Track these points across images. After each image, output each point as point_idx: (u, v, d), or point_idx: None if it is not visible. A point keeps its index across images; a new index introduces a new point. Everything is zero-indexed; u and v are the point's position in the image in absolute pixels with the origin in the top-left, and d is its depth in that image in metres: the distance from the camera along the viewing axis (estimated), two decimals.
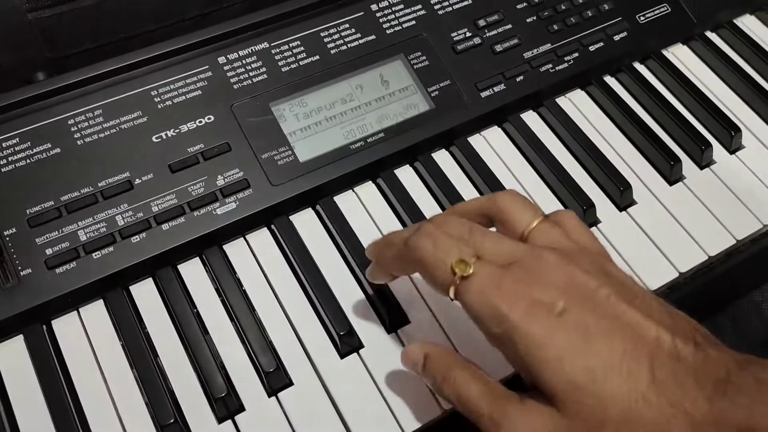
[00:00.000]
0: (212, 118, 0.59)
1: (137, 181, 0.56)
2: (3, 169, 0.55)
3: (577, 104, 0.68)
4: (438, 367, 0.44)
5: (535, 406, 0.39)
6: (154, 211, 0.55)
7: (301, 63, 0.63)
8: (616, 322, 0.38)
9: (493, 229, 0.47)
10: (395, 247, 0.46)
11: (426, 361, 0.45)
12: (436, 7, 0.67)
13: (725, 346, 0.38)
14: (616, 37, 0.70)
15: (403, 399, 0.51)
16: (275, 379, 0.51)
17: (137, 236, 0.55)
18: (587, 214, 0.60)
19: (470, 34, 0.67)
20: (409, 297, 0.55)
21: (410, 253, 0.44)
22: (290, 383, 0.52)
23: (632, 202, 0.62)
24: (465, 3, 0.68)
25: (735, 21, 0.76)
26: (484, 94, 0.65)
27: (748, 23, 0.76)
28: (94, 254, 0.54)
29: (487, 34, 0.67)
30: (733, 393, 0.35)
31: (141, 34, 0.65)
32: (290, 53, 0.63)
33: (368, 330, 0.54)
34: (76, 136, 0.57)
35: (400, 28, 0.66)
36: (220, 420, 0.50)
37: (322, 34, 0.64)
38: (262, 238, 0.58)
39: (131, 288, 0.55)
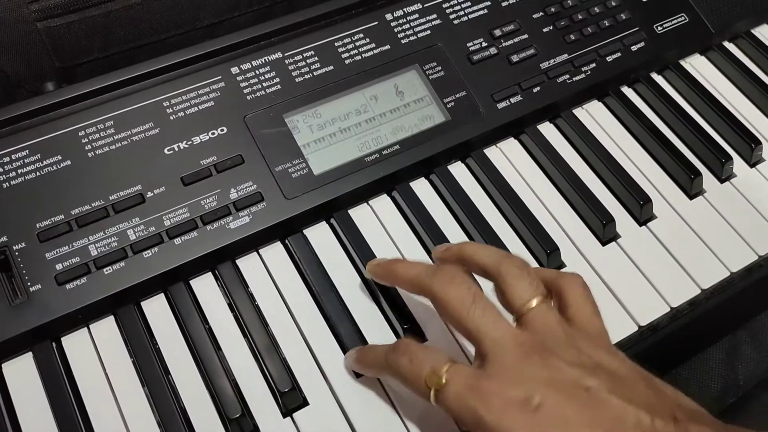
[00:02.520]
0: (225, 129, 0.58)
1: (149, 194, 0.55)
2: (12, 182, 0.54)
3: (595, 116, 0.67)
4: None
5: None
6: (166, 225, 0.54)
7: (315, 73, 0.62)
8: (596, 412, 0.39)
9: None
10: (375, 356, 0.48)
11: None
12: (451, 16, 0.66)
13: (709, 418, 0.39)
14: (634, 48, 0.69)
15: (420, 420, 0.50)
16: (290, 399, 0.50)
17: (149, 251, 0.53)
18: (607, 229, 0.59)
19: (486, 44, 0.66)
20: (425, 314, 0.54)
21: (390, 368, 0.46)
22: (305, 403, 0.51)
23: (652, 217, 0.61)
24: (481, 13, 0.67)
25: (753, 31, 0.75)
26: (500, 105, 0.64)
27: (767, 33, 0.75)
28: (105, 270, 0.52)
29: (504, 45, 0.66)
30: None
31: (152, 43, 0.64)
32: (304, 63, 0.62)
33: None
34: (86, 148, 0.56)
35: (416, 38, 0.65)
36: None
37: (336, 44, 0.63)
38: (275, 252, 0.57)
39: (143, 304, 0.54)
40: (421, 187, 0.62)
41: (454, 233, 0.59)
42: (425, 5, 0.66)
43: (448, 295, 0.45)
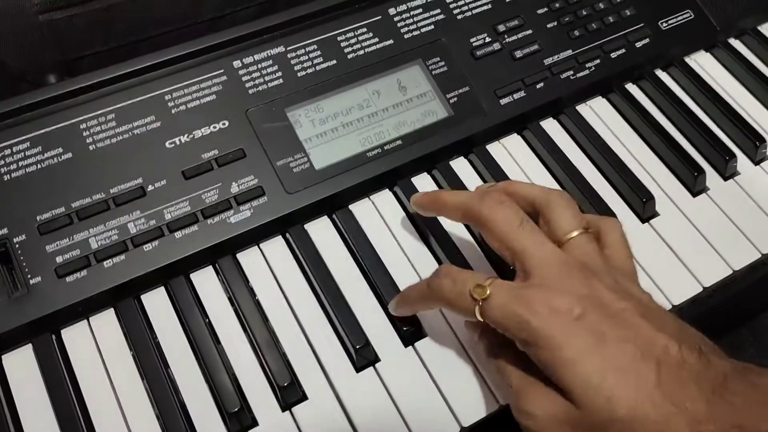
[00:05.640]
0: (227, 123, 0.58)
1: (150, 187, 0.55)
2: (13, 174, 0.54)
3: (598, 112, 0.67)
4: (488, 341, 0.48)
5: (555, 394, 0.42)
6: (167, 219, 0.54)
7: (317, 68, 0.62)
8: (629, 331, 0.41)
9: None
10: (419, 289, 0.50)
11: (481, 332, 0.49)
12: (455, 11, 0.66)
13: (726, 356, 0.42)
14: (638, 44, 0.68)
15: (420, 415, 0.50)
16: (289, 394, 0.50)
17: (149, 244, 0.53)
18: None
19: (490, 40, 0.66)
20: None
21: (434, 294, 0.48)
22: (304, 397, 0.51)
23: (655, 214, 0.61)
24: (484, 8, 0.67)
25: (759, 28, 0.74)
26: (503, 101, 0.63)
27: None
28: (105, 263, 0.52)
29: (507, 40, 0.66)
30: (729, 395, 0.39)
31: (154, 36, 0.64)
32: (306, 57, 0.62)
33: (384, 343, 0.53)
34: (88, 141, 0.56)
35: (419, 32, 0.65)
36: None
37: (339, 39, 0.63)
38: (276, 247, 0.57)
39: (143, 297, 0.54)
40: (422, 182, 0.61)
41: (456, 228, 0.59)
42: (429, 0, 0.66)
43: (497, 216, 0.47)
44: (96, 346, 0.52)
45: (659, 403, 0.39)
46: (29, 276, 0.51)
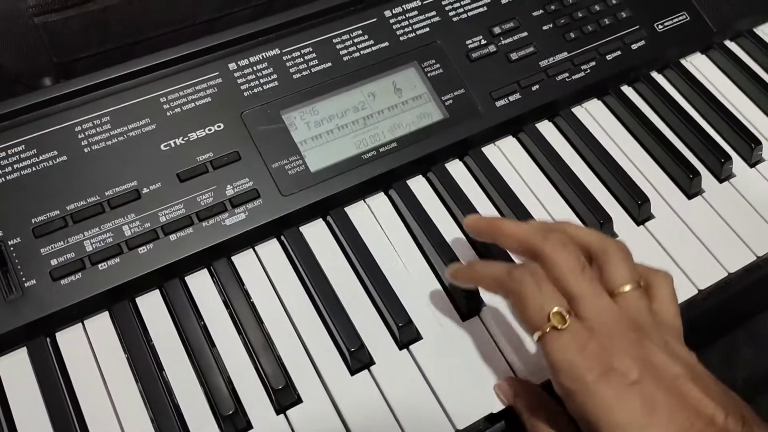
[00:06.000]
0: (222, 126, 0.58)
1: (145, 190, 0.55)
2: (8, 177, 0.54)
3: (594, 114, 0.67)
4: (524, 407, 0.48)
5: None
6: (161, 222, 0.54)
7: (312, 70, 0.62)
8: (680, 399, 0.41)
9: None
10: (496, 270, 0.48)
11: (515, 399, 0.49)
12: (450, 13, 0.66)
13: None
14: (634, 46, 0.68)
15: (415, 418, 0.50)
16: (284, 397, 0.50)
17: (144, 247, 0.53)
18: (604, 228, 0.59)
19: (485, 42, 0.66)
20: (421, 313, 0.54)
21: (513, 285, 0.46)
22: (299, 400, 0.51)
23: (650, 216, 0.61)
24: (480, 10, 0.67)
25: (755, 30, 0.75)
26: (499, 104, 0.63)
27: None
28: (100, 265, 0.52)
29: (503, 42, 0.66)
30: None
31: (150, 39, 0.64)
32: (302, 60, 0.62)
33: (379, 346, 0.53)
34: (83, 144, 0.56)
35: (414, 35, 0.65)
36: None
37: (334, 41, 0.63)
38: (271, 250, 0.57)
39: (137, 300, 0.54)
40: (418, 185, 0.61)
41: (451, 232, 0.59)
42: (424, 2, 0.66)
43: (559, 258, 0.46)
44: (91, 348, 0.52)
45: None
46: (24, 279, 0.51)
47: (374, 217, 0.59)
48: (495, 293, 0.49)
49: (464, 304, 0.54)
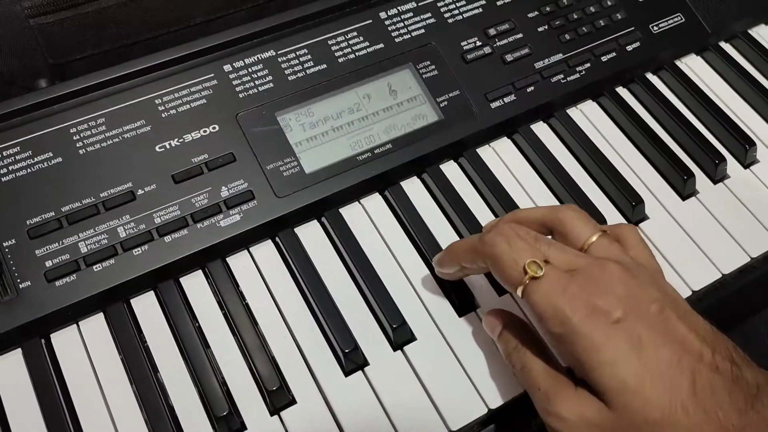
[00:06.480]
0: (217, 127, 0.58)
1: (140, 191, 0.55)
2: (3, 179, 0.54)
3: (589, 116, 0.67)
4: (511, 338, 0.48)
5: (586, 395, 0.42)
6: (156, 223, 0.54)
7: (308, 71, 0.62)
8: (666, 335, 0.42)
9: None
10: (469, 242, 0.49)
11: (502, 329, 0.49)
12: (446, 15, 0.66)
13: (758, 367, 0.42)
14: (629, 48, 0.68)
15: (409, 419, 0.50)
16: (278, 398, 0.50)
17: (139, 248, 0.54)
18: None
19: (480, 44, 0.66)
20: (415, 314, 0.54)
21: (485, 248, 0.47)
22: (293, 401, 0.51)
23: (644, 217, 0.61)
24: (475, 11, 0.67)
25: (750, 31, 0.75)
26: (494, 105, 0.63)
27: (764, 34, 0.75)
28: (94, 267, 0.52)
29: (498, 44, 0.66)
30: (760, 407, 0.40)
31: (145, 41, 0.64)
32: (297, 61, 0.62)
33: (373, 347, 0.53)
34: (78, 145, 0.56)
35: (409, 36, 0.65)
36: None
37: (329, 42, 0.63)
38: (266, 251, 0.57)
39: (132, 301, 0.54)
40: (413, 186, 0.61)
41: (445, 233, 0.59)
42: (420, 4, 0.66)
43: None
44: (85, 350, 0.52)
45: (692, 411, 0.39)
46: (19, 280, 0.51)
47: (369, 219, 0.60)
48: (476, 264, 0.49)
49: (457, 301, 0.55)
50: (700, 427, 0.39)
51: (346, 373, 0.52)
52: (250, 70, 0.61)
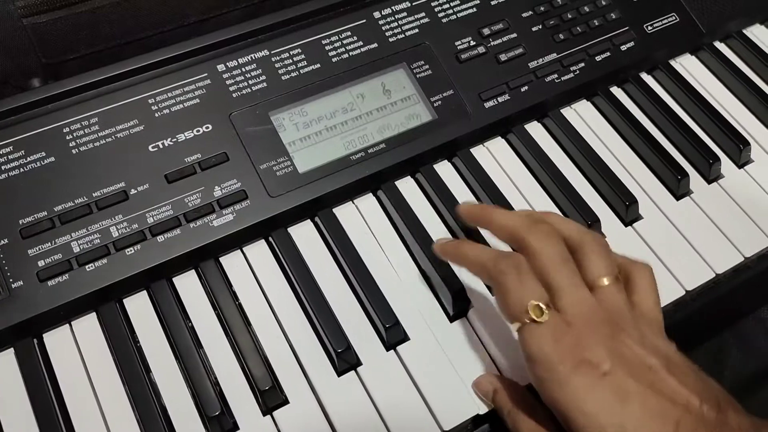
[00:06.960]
0: (210, 127, 0.58)
1: (133, 191, 0.55)
2: None
3: (583, 115, 0.67)
4: (505, 402, 0.49)
5: None
6: (149, 223, 0.54)
7: (301, 71, 0.62)
8: (653, 389, 0.42)
9: None
10: (484, 258, 0.49)
11: (494, 396, 0.50)
12: (440, 15, 0.66)
13: (745, 411, 0.43)
14: (623, 47, 0.68)
15: (402, 419, 0.50)
16: (270, 398, 0.50)
17: (132, 248, 0.53)
18: (592, 229, 0.58)
19: (474, 43, 0.66)
20: (408, 314, 0.54)
21: (496, 274, 0.47)
22: (286, 401, 0.51)
23: (638, 217, 0.61)
24: (469, 11, 0.67)
25: (745, 31, 0.75)
26: (487, 105, 0.63)
27: (759, 33, 0.75)
28: (87, 266, 0.52)
29: (492, 43, 0.66)
30: None
31: (138, 40, 0.64)
32: (290, 61, 0.62)
33: (366, 347, 0.53)
34: (71, 145, 0.56)
35: (403, 36, 0.65)
36: None
37: (323, 42, 0.63)
38: (259, 251, 0.57)
39: (125, 301, 0.54)
40: (406, 186, 0.61)
41: (439, 233, 0.59)
42: (414, 3, 0.66)
43: (543, 249, 0.47)
44: (78, 349, 0.52)
45: None
46: (11, 280, 0.51)
47: (362, 218, 0.59)
48: (478, 277, 0.50)
49: (452, 306, 0.55)
50: None
51: (339, 373, 0.52)
52: (243, 69, 0.61)
